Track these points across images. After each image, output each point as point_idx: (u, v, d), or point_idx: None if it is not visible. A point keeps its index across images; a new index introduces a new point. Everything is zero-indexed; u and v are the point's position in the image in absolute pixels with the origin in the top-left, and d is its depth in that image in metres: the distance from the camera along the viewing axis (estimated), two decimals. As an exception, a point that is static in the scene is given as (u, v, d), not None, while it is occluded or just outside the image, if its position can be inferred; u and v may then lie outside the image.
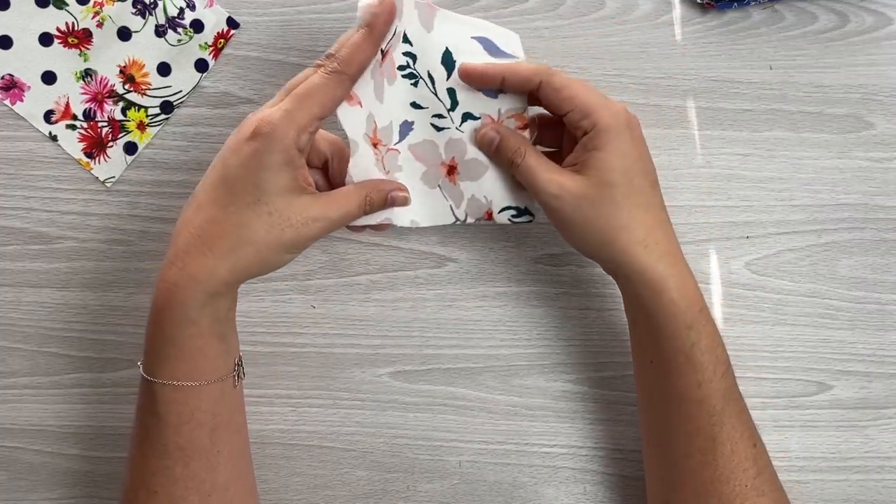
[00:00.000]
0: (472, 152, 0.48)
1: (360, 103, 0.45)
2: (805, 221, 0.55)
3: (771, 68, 0.55)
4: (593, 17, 0.55)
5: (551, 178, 0.45)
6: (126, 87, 0.49)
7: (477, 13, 0.55)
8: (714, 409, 0.44)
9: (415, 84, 0.47)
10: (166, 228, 0.54)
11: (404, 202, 0.47)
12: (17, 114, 0.53)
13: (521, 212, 0.49)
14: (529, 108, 0.48)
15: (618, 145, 0.44)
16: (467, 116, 0.48)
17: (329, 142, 0.46)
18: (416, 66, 0.47)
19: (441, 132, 0.48)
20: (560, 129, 0.49)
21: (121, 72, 0.50)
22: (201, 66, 0.53)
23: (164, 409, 0.42)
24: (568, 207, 0.45)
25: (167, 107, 0.53)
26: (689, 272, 0.46)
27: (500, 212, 0.49)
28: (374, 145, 0.47)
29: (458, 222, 0.50)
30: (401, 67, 0.47)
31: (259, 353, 0.53)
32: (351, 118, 0.45)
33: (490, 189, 0.49)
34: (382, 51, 0.44)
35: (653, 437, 0.48)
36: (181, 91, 0.53)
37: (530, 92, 0.46)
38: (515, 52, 0.48)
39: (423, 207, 0.49)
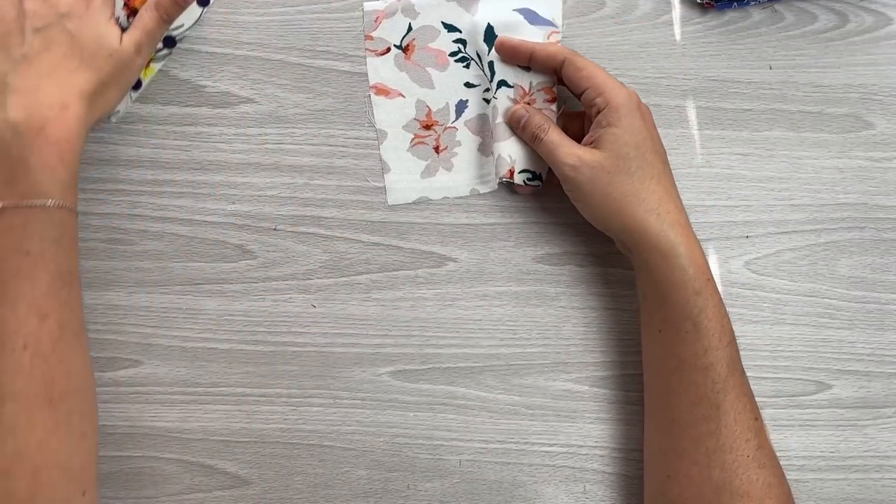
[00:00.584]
0: (501, 117, 0.52)
1: (401, 95, 0.53)
2: (805, 221, 0.55)
3: (771, 68, 0.55)
4: (593, 17, 0.55)
5: (570, 151, 0.49)
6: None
7: (477, 13, 0.55)
8: (719, 376, 0.46)
9: (467, 66, 0.54)
10: (166, 228, 0.54)
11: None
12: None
13: (535, 176, 0.53)
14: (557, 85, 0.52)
15: (630, 122, 0.48)
16: (502, 84, 0.52)
17: None
18: (466, 49, 0.54)
19: (489, 104, 0.53)
20: (582, 121, 0.53)
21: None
22: (203, -1, 0.53)
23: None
24: (584, 178, 0.48)
25: (170, 41, 0.53)
26: (697, 242, 0.48)
27: (519, 172, 0.52)
28: (428, 127, 0.54)
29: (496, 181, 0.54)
30: (452, 54, 0.54)
31: (259, 353, 0.54)
32: (385, 109, 0.54)
33: (513, 150, 0.52)
34: (401, 46, 0.53)
35: (656, 410, 0.49)
36: (183, 25, 0.53)
37: (555, 69, 0.51)
38: (555, 18, 0.53)
39: (482, 176, 0.54)
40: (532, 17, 0.52)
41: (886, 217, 0.55)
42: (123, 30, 0.48)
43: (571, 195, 0.50)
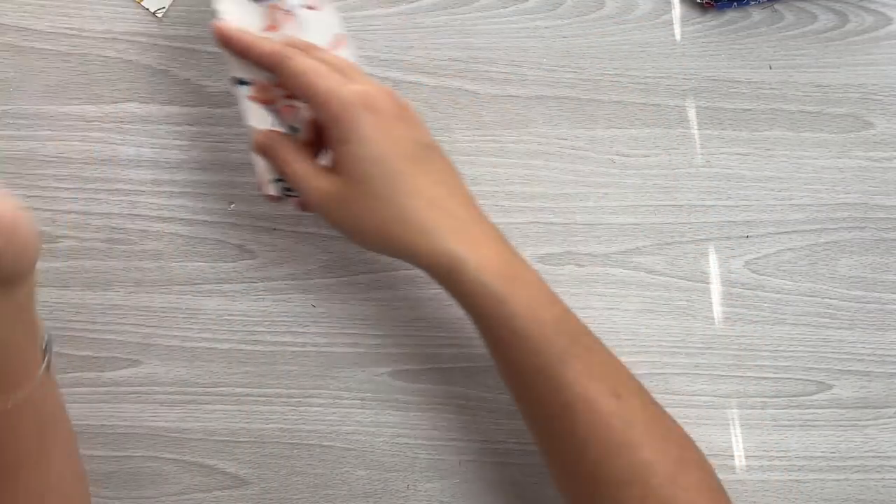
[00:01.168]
0: (250, 121, 0.46)
1: None
2: (805, 221, 0.55)
3: (771, 68, 0.56)
4: (593, 17, 0.55)
5: (315, 185, 0.43)
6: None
7: (476, 13, 0.55)
8: (555, 373, 0.41)
9: None
10: (167, 228, 0.54)
11: None
12: (17, 113, 0.53)
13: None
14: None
15: (359, 134, 0.40)
16: (239, 81, 0.45)
17: None
18: None
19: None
20: None
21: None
22: None
23: None
24: (333, 213, 0.42)
25: None
26: (488, 240, 0.42)
27: (274, 181, 0.47)
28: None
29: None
30: None
31: (259, 353, 0.53)
32: None
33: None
34: None
35: (534, 435, 0.45)
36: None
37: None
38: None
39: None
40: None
41: (887, 217, 0.55)
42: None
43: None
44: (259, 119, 0.46)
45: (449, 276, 0.41)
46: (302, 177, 0.43)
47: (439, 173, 0.42)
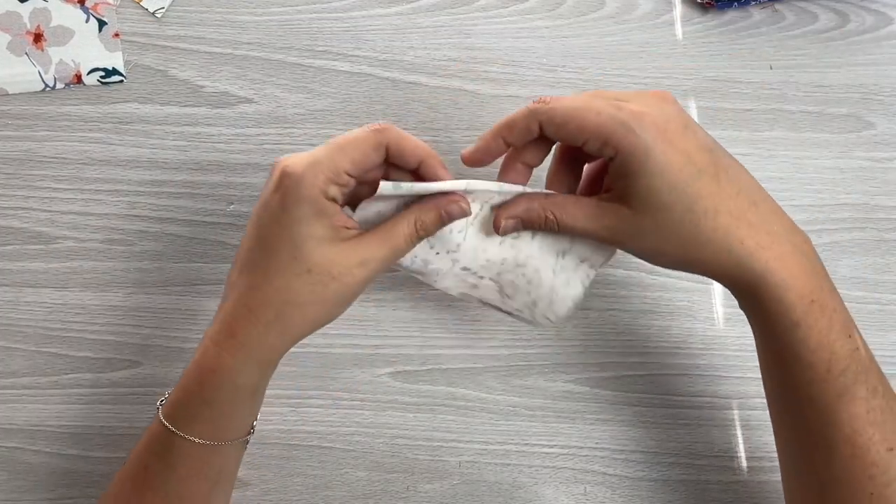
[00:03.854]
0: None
1: None
2: (805, 221, 0.55)
3: (771, 68, 0.55)
4: (593, 16, 0.55)
5: (599, 225, 0.40)
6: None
7: (476, 13, 0.55)
8: (826, 407, 0.39)
9: None
10: (166, 228, 0.53)
11: (463, 213, 0.42)
12: (15, 114, 0.53)
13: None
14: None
15: (653, 163, 0.38)
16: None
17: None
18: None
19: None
20: (580, 160, 0.44)
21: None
22: None
23: (177, 461, 0.42)
24: (628, 244, 0.41)
25: None
26: (796, 255, 0.40)
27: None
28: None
29: None
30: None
31: (258, 354, 0.53)
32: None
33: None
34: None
35: (782, 452, 0.44)
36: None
37: (539, 136, 0.41)
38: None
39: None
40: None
41: (887, 217, 0.55)
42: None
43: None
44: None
45: (750, 293, 0.40)
46: (582, 221, 0.41)
47: (734, 181, 0.40)
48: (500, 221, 0.42)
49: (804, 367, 0.40)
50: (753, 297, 0.40)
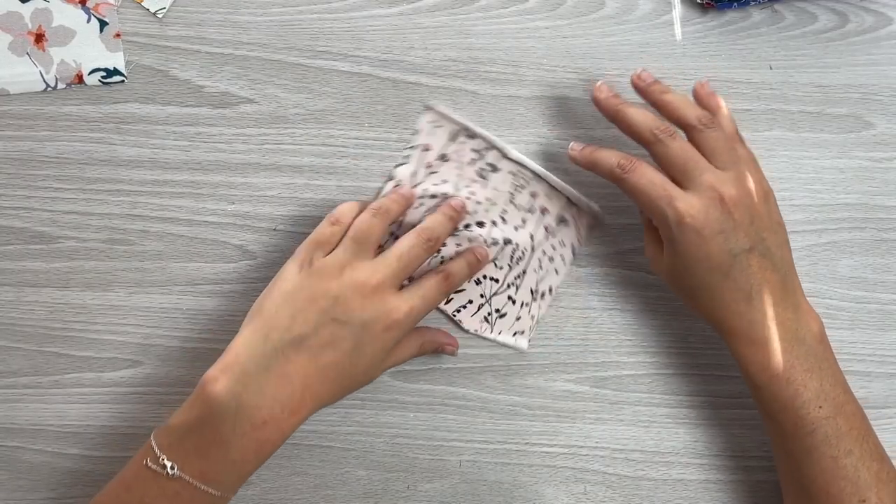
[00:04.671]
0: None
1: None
2: (805, 221, 0.55)
3: (771, 68, 0.55)
4: (593, 17, 0.55)
5: (656, 259, 0.50)
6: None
7: (476, 13, 0.55)
8: (800, 462, 0.46)
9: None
10: (166, 228, 0.54)
11: (453, 354, 0.53)
12: (17, 114, 0.53)
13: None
14: None
15: (675, 248, 0.46)
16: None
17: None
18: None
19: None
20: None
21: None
22: None
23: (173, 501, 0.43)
24: (668, 282, 0.49)
25: None
26: (771, 341, 0.46)
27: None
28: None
29: None
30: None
31: (259, 353, 0.53)
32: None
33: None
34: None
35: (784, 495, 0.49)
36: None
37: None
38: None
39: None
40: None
41: (887, 217, 0.55)
42: None
43: None
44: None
45: (740, 352, 0.47)
46: (650, 256, 0.51)
47: (742, 282, 0.46)
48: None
49: (774, 423, 0.47)
50: (740, 356, 0.47)
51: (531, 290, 0.53)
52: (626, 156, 0.48)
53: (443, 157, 0.53)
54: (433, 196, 0.52)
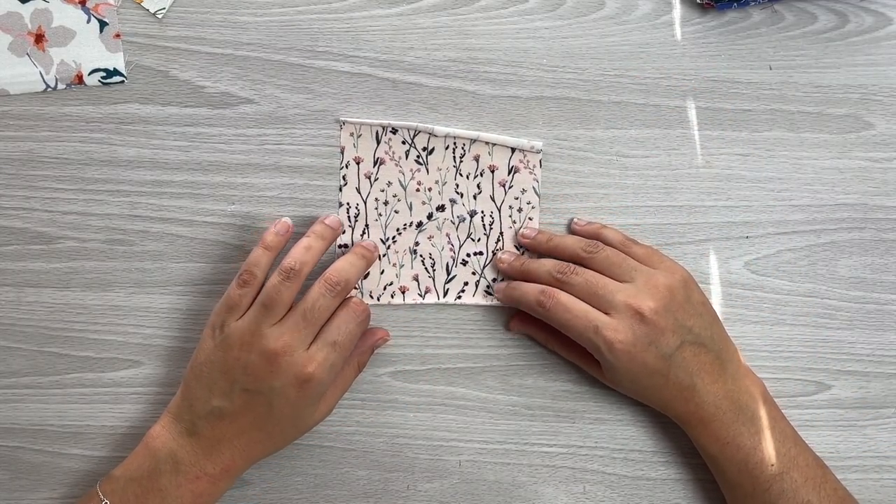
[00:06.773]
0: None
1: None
2: (804, 221, 0.55)
3: (771, 68, 0.55)
4: (593, 17, 0.55)
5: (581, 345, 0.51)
6: None
7: (476, 13, 0.55)
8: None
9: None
10: (166, 228, 0.54)
11: (384, 342, 0.53)
12: (17, 114, 0.53)
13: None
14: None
15: (604, 365, 0.49)
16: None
17: None
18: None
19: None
20: None
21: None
22: None
23: None
24: (610, 385, 0.53)
25: None
26: (717, 415, 0.49)
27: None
28: None
29: None
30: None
31: (259, 353, 0.53)
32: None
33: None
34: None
35: None
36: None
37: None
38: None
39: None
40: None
41: (886, 217, 0.55)
42: None
43: None
44: None
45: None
46: (592, 373, 0.53)
47: (682, 376, 0.49)
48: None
49: (733, 486, 0.50)
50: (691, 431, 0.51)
51: (516, 247, 0.54)
52: (545, 289, 0.50)
53: (378, 162, 0.53)
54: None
